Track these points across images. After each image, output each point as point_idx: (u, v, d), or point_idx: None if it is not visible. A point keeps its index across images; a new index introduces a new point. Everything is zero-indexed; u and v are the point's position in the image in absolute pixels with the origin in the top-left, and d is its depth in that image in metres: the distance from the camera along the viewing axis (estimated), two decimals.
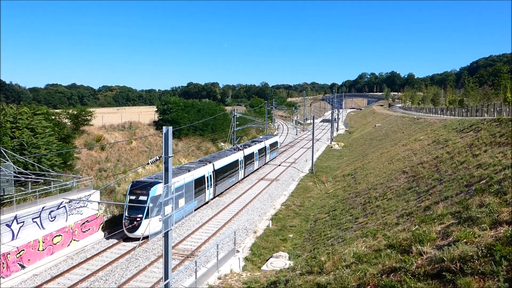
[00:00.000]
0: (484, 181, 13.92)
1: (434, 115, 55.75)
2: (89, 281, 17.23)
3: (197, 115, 51.59)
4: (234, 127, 48.87)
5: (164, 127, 12.13)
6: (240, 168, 37.27)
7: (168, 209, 12.11)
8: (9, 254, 17.35)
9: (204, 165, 29.26)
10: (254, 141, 47.03)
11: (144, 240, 20.51)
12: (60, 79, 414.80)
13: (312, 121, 51.65)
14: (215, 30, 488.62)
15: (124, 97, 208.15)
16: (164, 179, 12.47)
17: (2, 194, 19.46)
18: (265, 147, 46.41)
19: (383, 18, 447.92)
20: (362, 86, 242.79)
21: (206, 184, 28.82)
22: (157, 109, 51.16)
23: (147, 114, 59.91)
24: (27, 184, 21.51)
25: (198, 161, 31.94)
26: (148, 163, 13.57)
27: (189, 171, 26.48)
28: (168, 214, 12.08)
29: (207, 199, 29.66)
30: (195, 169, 27.47)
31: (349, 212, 23.12)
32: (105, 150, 34.41)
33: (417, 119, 51.94)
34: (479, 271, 5.74)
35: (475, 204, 10.11)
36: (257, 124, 68.15)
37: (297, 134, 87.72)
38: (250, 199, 31.47)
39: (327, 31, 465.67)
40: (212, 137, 52.96)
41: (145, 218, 21.32)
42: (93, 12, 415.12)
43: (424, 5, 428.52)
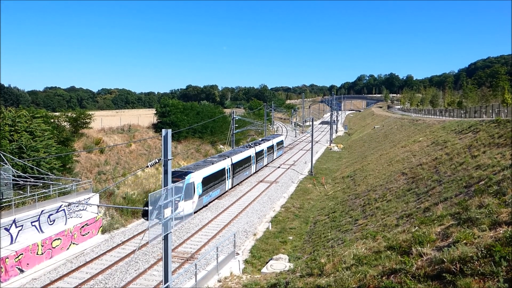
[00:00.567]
0: (483, 182, 13.94)
1: (433, 116, 55.87)
2: (88, 285, 17.16)
3: (196, 117, 51.56)
4: (233, 129, 48.92)
5: (163, 130, 12.11)
6: (253, 163, 41.75)
7: (168, 212, 12.06)
8: (7, 258, 17.29)
9: (224, 159, 33.76)
10: (263, 140, 51.30)
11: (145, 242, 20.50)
12: (59, 82, 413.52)
13: (311, 123, 51.74)
14: (214, 33, 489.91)
15: (123, 99, 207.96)
16: (163, 182, 12.43)
17: (1, 197, 19.42)
18: (273, 145, 50.82)
19: (382, 20, 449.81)
20: (361, 88, 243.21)
21: (226, 175, 33.56)
22: (156, 111, 51.07)
23: (146, 116, 59.82)
24: (26, 188, 21.47)
25: (217, 156, 36.81)
26: (148, 166, 13.53)
27: (212, 164, 31.24)
28: (167, 217, 12.03)
29: (227, 188, 34.30)
30: (217, 162, 32.08)
31: (348, 214, 23.10)
32: (104, 153, 34.36)
33: (416, 120, 52.03)
34: (479, 272, 5.75)
35: (474, 205, 10.12)
36: (256, 126, 68.15)
37: (296, 136, 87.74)
38: (249, 201, 31.43)
39: (326, 33, 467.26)
40: (211, 139, 52.91)
41: (181, 201, 24.98)
42: (92, 14, 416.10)
43: (422, 7, 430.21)
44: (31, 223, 19.57)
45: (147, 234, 17.76)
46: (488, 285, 5.42)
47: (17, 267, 17.79)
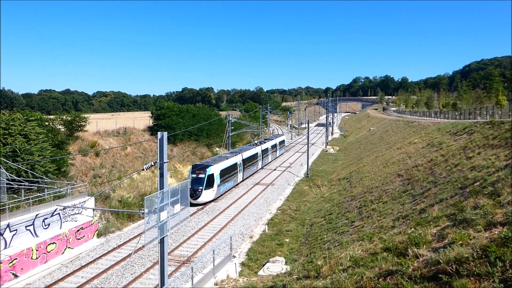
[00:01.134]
0: (478, 183, 14.02)
1: (428, 118, 56.17)
2: None
3: (192, 120, 51.50)
4: (229, 132, 48.92)
5: (159, 133, 12.09)
6: (259, 159, 46.03)
7: (164, 215, 12.00)
8: (1, 263, 17.10)
9: (236, 155, 37.70)
10: (267, 139, 55.94)
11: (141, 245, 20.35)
12: (54, 84, 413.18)
13: (307, 125, 51.90)
14: (209, 35, 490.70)
15: (119, 102, 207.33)
16: (158, 185, 12.39)
17: None
18: (276, 144, 55.26)
19: (377, 22, 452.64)
20: (356, 90, 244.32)
21: (238, 169, 37.72)
22: (151, 114, 50.93)
23: (142, 119, 59.65)
24: (20, 192, 21.28)
25: (230, 152, 41.06)
26: (143, 169, 13.48)
27: (227, 159, 35.29)
28: (164, 220, 11.98)
29: (239, 181, 38.49)
30: (230, 158, 36.07)
31: (345, 215, 23.13)
32: (99, 156, 34.19)
33: (411, 122, 52.29)
34: (475, 273, 5.77)
35: (469, 206, 10.17)
36: (252, 128, 68.20)
37: (292, 139, 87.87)
38: (246, 204, 31.38)
39: (321, 36, 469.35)
40: (207, 142, 52.84)
41: (204, 190, 30.13)
42: (87, 16, 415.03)
43: (417, 9, 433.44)
44: (26, 227, 19.39)
45: (143, 238, 17.65)
46: (483, 285, 5.44)
47: (11, 272, 17.60)
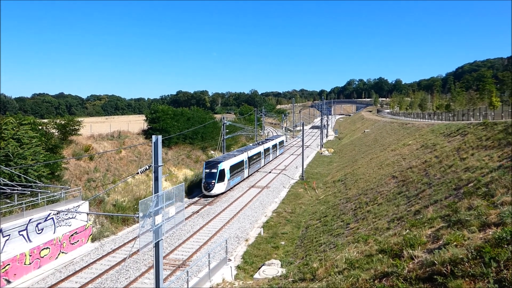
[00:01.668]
0: (472, 184, 14.13)
1: (421, 120, 56.52)
2: None
3: (186, 123, 51.35)
4: (224, 135, 48.90)
5: (153, 136, 12.01)
6: (262, 158, 49.65)
7: (158, 219, 11.91)
8: None
9: (242, 153, 41.64)
10: (268, 139, 59.63)
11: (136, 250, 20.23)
12: (47, 88, 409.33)
13: (301, 127, 52.05)
14: (204, 38, 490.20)
15: (113, 106, 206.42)
16: (153, 189, 12.30)
17: None
18: (276, 144, 59.01)
19: (371, 25, 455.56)
20: (350, 93, 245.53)
21: (244, 166, 41.49)
22: (146, 118, 50.70)
23: (136, 123, 59.39)
24: (13, 196, 21.05)
25: (236, 150, 45.13)
26: (138, 173, 13.39)
27: (235, 156, 39.08)
28: (159, 224, 11.89)
29: (245, 176, 42.24)
30: (237, 155, 39.84)
31: (340, 218, 23.16)
32: (93, 160, 33.95)
33: (405, 124, 52.60)
34: (470, 273, 5.79)
35: (463, 207, 10.23)
36: (247, 131, 68.16)
37: (287, 141, 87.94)
38: (241, 207, 31.32)
39: (315, 38, 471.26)
40: (202, 145, 52.71)
41: (216, 183, 33.94)
42: (81, 19, 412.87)
43: (410, 11, 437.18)
44: (19, 232, 19.17)
45: (137, 242, 17.50)
46: (478, 286, 5.46)
47: (4, 278, 17.39)
